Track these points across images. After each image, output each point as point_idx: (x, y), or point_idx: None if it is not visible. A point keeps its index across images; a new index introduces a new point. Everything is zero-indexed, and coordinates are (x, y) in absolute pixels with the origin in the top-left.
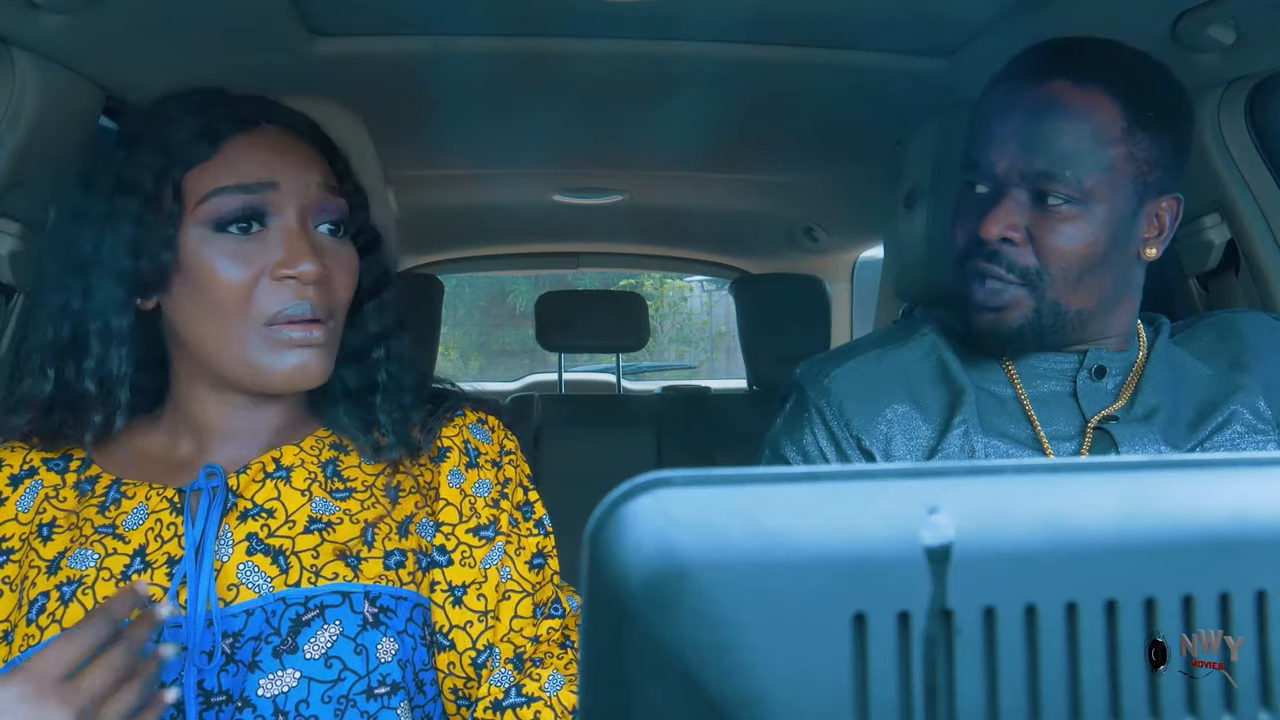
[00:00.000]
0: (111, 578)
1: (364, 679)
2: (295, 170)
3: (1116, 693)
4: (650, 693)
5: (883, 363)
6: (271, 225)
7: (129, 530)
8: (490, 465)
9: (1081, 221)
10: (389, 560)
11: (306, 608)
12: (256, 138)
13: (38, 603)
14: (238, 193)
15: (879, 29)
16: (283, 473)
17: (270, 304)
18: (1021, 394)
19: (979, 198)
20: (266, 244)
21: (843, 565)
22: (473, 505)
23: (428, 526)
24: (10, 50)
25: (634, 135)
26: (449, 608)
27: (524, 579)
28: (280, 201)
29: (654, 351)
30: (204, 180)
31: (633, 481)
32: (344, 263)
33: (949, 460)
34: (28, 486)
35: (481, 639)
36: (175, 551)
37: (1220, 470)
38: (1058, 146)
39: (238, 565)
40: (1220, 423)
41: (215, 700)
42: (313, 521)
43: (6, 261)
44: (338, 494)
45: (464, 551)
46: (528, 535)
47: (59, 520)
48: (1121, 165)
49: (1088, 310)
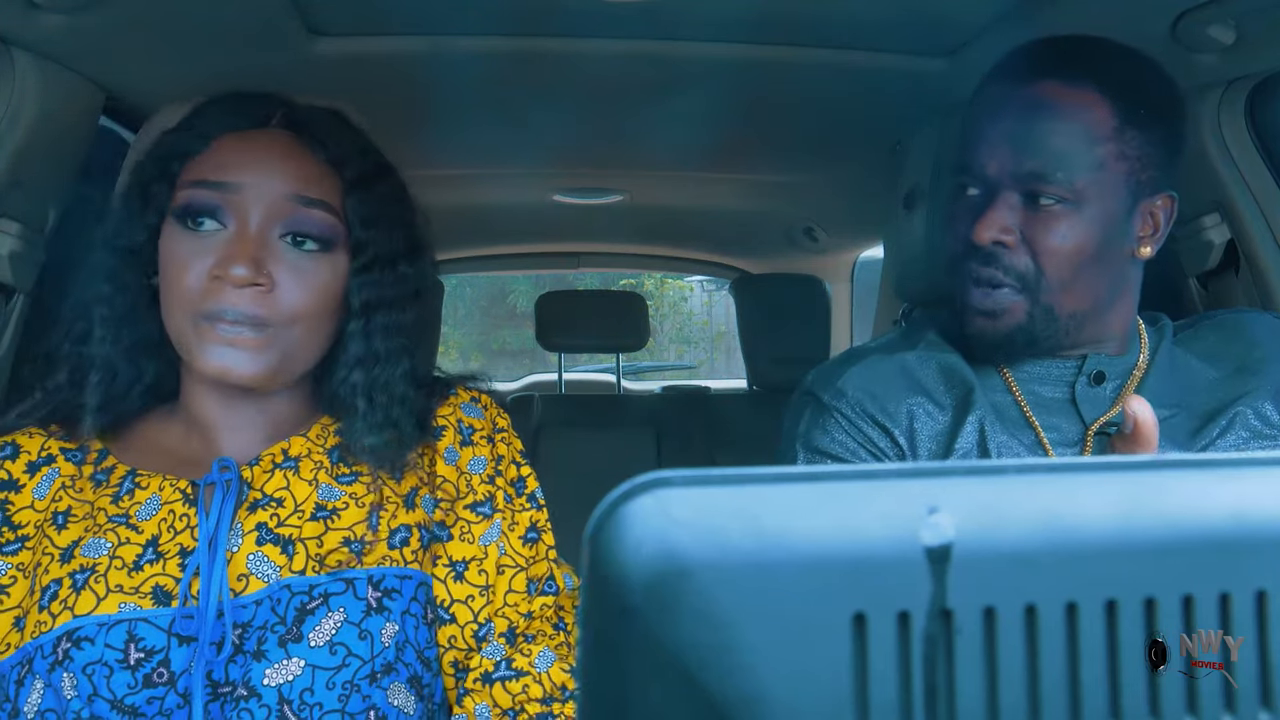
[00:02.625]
0: (124, 566)
1: (368, 663)
2: (266, 176)
3: (1116, 693)
4: (650, 692)
5: (891, 364)
6: (229, 226)
7: (142, 520)
8: (485, 441)
9: (1074, 221)
10: (393, 539)
11: (311, 596)
12: (247, 139)
13: (50, 589)
14: (201, 188)
15: (879, 29)
16: (291, 463)
17: (204, 301)
18: (1021, 400)
19: (971, 200)
20: (216, 243)
21: (843, 565)
22: (469, 482)
23: (429, 502)
24: (10, 50)
25: (634, 135)
26: (450, 582)
27: (518, 554)
28: (242, 204)
29: (654, 351)
30: (189, 173)
31: (633, 481)
32: (301, 276)
33: (958, 458)
34: (45, 474)
35: (483, 613)
36: (188, 542)
37: (1220, 470)
38: (1048, 147)
39: (247, 555)
40: (1224, 427)
41: (222, 691)
42: (319, 509)
43: (6, 261)
44: (343, 478)
45: (463, 527)
46: (521, 510)
47: (74, 509)
48: (1113, 164)
49: (1082, 312)
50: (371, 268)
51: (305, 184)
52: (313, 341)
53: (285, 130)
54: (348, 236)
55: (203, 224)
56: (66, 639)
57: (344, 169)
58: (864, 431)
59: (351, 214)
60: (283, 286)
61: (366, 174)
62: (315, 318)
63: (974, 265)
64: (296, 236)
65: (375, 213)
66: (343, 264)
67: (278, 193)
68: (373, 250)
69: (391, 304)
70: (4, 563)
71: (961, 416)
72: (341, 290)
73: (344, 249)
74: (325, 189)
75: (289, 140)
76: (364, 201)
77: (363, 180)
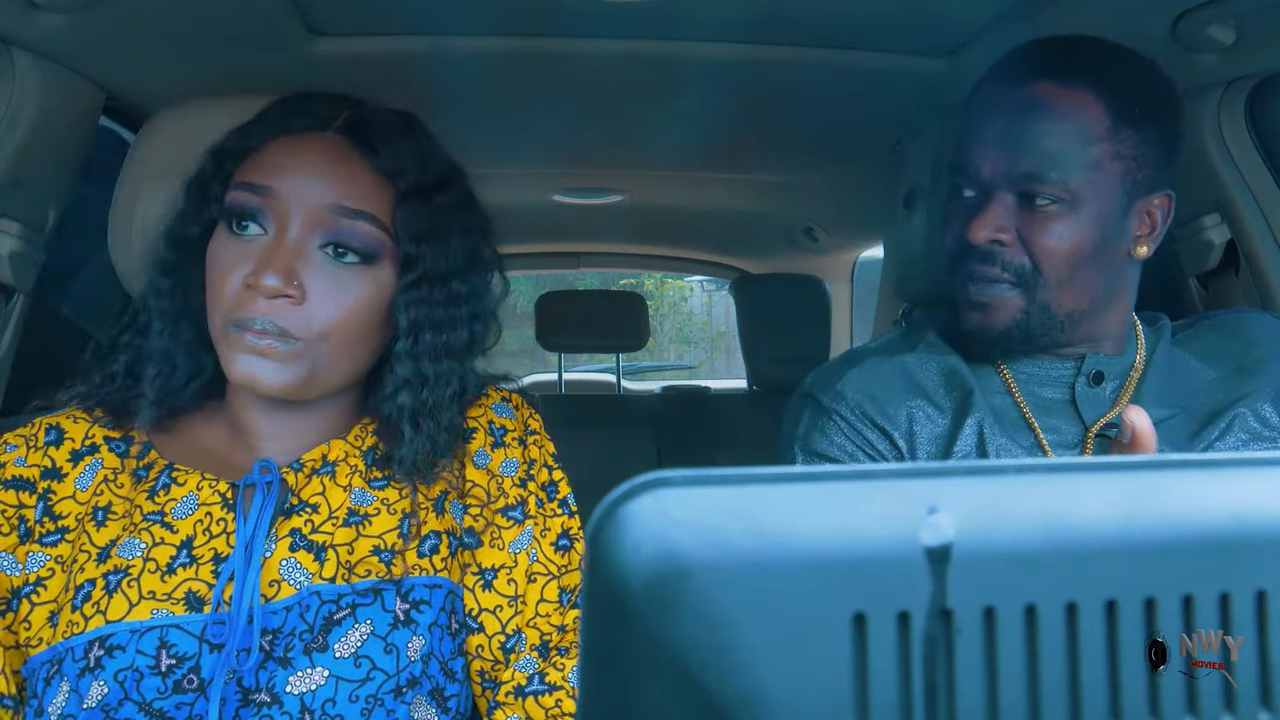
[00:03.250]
0: (158, 570)
1: (393, 678)
2: (310, 183)
3: (1116, 693)
4: (650, 693)
5: (891, 366)
6: (269, 232)
7: (177, 520)
8: (516, 444)
9: (1070, 221)
10: (423, 546)
11: (339, 606)
12: (300, 143)
13: (84, 589)
14: (245, 190)
15: (879, 29)
16: (329, 468)
17: (236, 309)
18: (1021, 403)
19: (967, 201)
20: (256, 249)
21: (842, 565)
22: (500, 485)
23: (458, 508)
24: (10, 50)
25: (634, 135)
26: (479, 591)
27: (550, 561)
28: (282, 210)
29: (654, 351)
30: (240, 174)
31: (633, 481)
32: (337, 289)
33: (958, 458)
34: (88, 464)
35: (511, 624)
36: (222, 548)
37: (1220, 470)
38: (1042, 147)
39: (280, 561)
40: (1223, 428)
41: (251, 698)
42: (351, 514)
43: (6, 261)
44: (376, 483)
45: (493, 533)
46: (553, 516)
47: (114, 506)
48: (1108, 164)
49: (1079, 311)
50: (420, 284)
51: (350, 194)
52: (349, 356)
53: (342, 135)
54: (396, 250)
55: (246, 227)
56: (99, 645)
57: (398, 179)
58: (863, 434)
59: (401, 227)
60: (315, 299)
61: (424, 185)
62: (350, 333)
63: (972, 264)
64: (337, 248)
65: (428, 226)
66: (388, 278)
67: (319, 201)
68: (423, 266)
69: (441, 324)
70: (43, 554)
71: (960, 419)
72: (385, 306)
73: (391, 263)
74: (373, 200)
75: (342, 146)
76: (416, 214)
77: (418, 191)
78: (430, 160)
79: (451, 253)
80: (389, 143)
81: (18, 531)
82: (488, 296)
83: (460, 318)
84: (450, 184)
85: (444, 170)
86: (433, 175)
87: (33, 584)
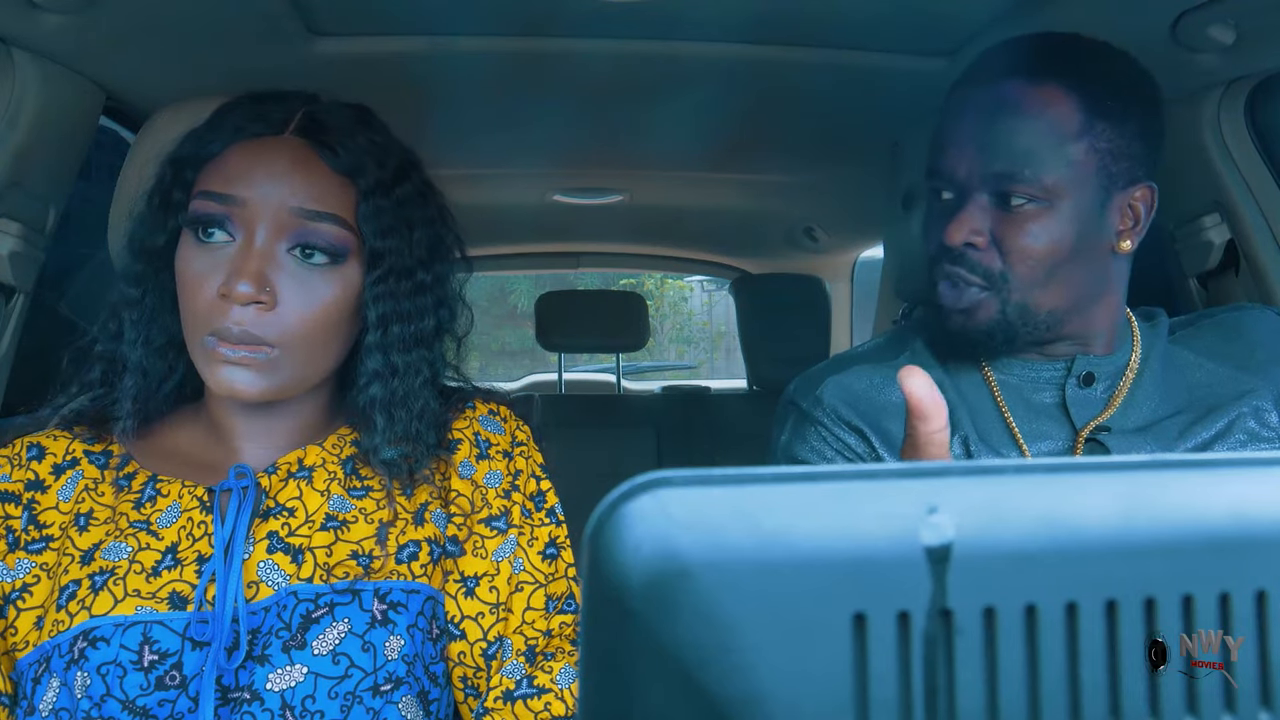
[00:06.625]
0: (143, 571)
1: (371, 675)
2: (273, 189)
3: (1116, 693)
4: (650, 693)
5: (875, 375)
6: (237, 239)
7: (163, 528)
8: (501, 456)
9: (1047, 220)
10: (401, 554)
11: (316, 604)
12: (259, 148)
13: (69, 589)
14: (208, 199)
15: (879, 29)
16: (305, 473)
17: (211, 320)
18: (1006, 415)
19: (945, 204)
20: (225, 258)
21: (842, 565)
22: (484, 496)
23: (440, 518)
24: (10, 50)
25: (634, 135)
26: (461, 598)
27: (537, 570)
28: (248, 218)
29: (654, 351)
30: (201, 181)
31: (633, 481)
32: (308, 290)
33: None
34: (69, 476)
35: (493, 631)
36: (204, 550)
37: (1220, 470)
38: (1015, 147)
39: (258, 563)
40: (1222, 429)
41: (232, 695)
42: (329, 519)
43: (6, 261)
44: (355, 492)
45: (476, 542)
46: (540, 525)
47: (96, 513)
48: (1084, 159)
49: (1062, 309)
50: (387, 278)
51: (313, 196)
52: (323, 354)
53: (299, 137)
54: (361, 246)
55: (212, 235)
56: (83, 638)
57: (358, 177)
58: (840, 438)
59: (365, 224)
60: (287, 303)
61: (384, 180)
62: (323, 332)
63: (946, 265)
64: (305, 249)
65: (391, 221)
66: (355, 275)
67: (284, 206)
68: (389, 261)
69: (409, 315)
70: (29, 561)
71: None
72: (355, 302)
73: (357, 259)
74: (336, 200)
75: (300, 149)
76: (380, 210)
77: (379, 187)
78: (388, 154)
79: (415, 244)
80: (346, 141)
81: (5, 540)
82: (452, 281)
83: (427, 306)
84: (408, 175)
85: (401, 162)
86: (391, 169)
87: (19, 590)
